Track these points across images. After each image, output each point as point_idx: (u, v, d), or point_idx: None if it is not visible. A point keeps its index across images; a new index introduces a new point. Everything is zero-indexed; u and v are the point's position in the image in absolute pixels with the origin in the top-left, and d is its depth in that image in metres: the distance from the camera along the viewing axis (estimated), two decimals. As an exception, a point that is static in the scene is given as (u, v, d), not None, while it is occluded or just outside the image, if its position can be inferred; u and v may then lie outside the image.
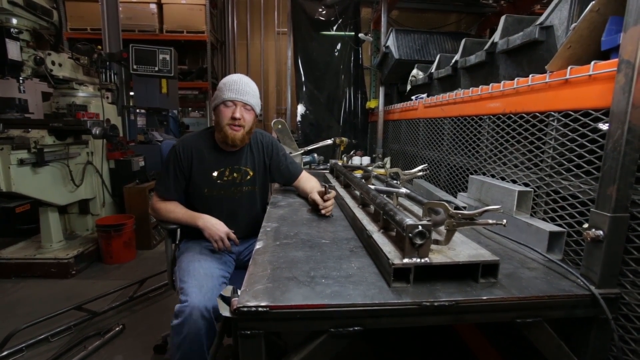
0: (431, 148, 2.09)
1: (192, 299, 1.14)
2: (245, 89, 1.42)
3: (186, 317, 1.11)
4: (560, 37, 1.21)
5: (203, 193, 1.49)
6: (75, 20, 4.99)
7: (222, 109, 1.41)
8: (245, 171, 1.54)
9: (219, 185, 1.50)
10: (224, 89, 1.42)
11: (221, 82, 1.45)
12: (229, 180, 1.51)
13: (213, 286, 1.22)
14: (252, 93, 1.45)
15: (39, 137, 2.40)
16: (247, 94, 1.43)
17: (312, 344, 0.77)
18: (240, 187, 1.53)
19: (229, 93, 1.40)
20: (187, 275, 1.26)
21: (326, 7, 3.86)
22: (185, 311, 1.12)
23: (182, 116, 5.87)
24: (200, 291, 1.17)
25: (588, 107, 0.97)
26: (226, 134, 1.41)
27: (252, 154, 1.57)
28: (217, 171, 1.49)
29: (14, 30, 2.33)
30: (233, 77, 1.45)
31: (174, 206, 1.48)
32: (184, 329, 1.12)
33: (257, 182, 1.57)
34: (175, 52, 3.22)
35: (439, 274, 0.84)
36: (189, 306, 1.12)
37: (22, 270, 2.56)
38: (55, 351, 1.75)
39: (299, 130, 4.00)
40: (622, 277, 0.89)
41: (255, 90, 1.47)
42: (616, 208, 0.82)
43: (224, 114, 1.41)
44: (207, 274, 1.27)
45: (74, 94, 2.94)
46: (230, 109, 1.40)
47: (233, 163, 1.52)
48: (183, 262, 1.36)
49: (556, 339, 0.83)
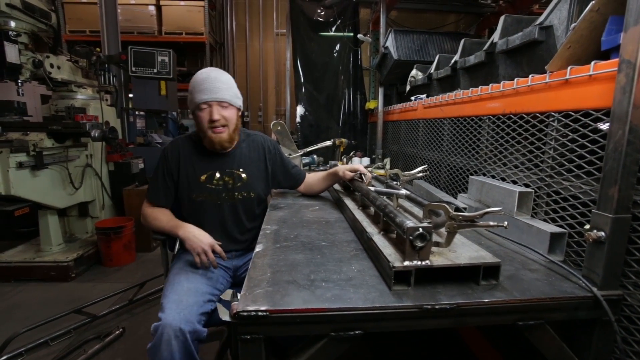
0: (431, 149, 2.08)
1: (166, 316, 1.01)
2: (217, 85, 1.26)
3: (158, 337, 0.99)
4: (560, 37, 1.20)
5: (191, 198, 1.35)
6: (73, 22, 5.00)
7: (198, 114, 1.28)
8: (237, 175, 1.39)
9: (208, 190, 1.36)
10: (194, 92, 1.27)
11: (191, 85, 1.29)
12: (219, 185, 1.37)
13: (194, 303, 1.08)
14: (225, 87, 1.29)
15: (37, 140, 2.40)
16: (220, 90, 1.27)
17: (312, 348, 0.76)
18: (232, 192, 1.38)
19: (199, 95, 1.26)
20: (169, 289, 1.14)
21: (325, 8, 3.86)
22: (158, 330, 1.00)
23: (181, 118, 5.87)
24: (177, 307, 1.04)
25: (588, 107, 0.97)
26: (211, 139, 1.30)
27: (248, 157, 1.43)
28: (205, 174, 1.36)
29: (12, 33, 2.33)
30: (200, 74, 1.29)
31: (161, 213, 1.35)
32: (156, 351, 0.99)
33: (254, 189, 1.42)
34: (174, 54, 3.21)
35: (439, 276, 0.84)
36: (161, 324, 1.00)
37: (21, 273, 2.55)
38: (54, 355, 1.74)
39: (298, 131, 3.99)
40: (625, 278, 0.88)
41: (229, 83, 1.31)
42: (618, 209, 0.81)
43: (202, 119, 1.28)
44: (190, 290, 1.14)
45: (72, 97, 2.94)
46: (207, 112, 1.27)
47: (224, 166, 1.38)
48: (170, 274, 1.26)
49: (558, 341, 0.82)
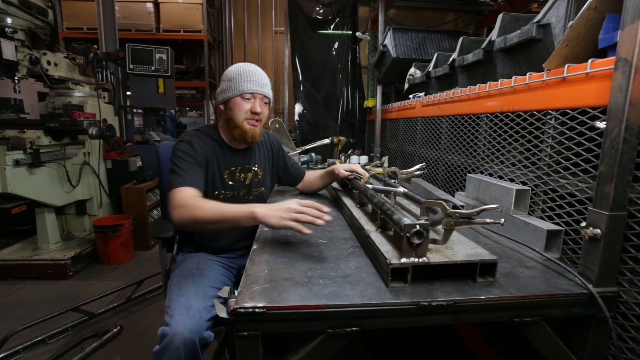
0: (429, 147, 2.08)
1: (176, 323, 0.97)
2: (265, 81, 1.28)
3: (166, 343, 0.95)
4: (558, 35, 1.20)
5: (214, 195, 1.31)
6: (71, 19, 4.96)
7: (239, 102, 1.24)
8: (255, 172, 1.40)
9: (230, 187, 1.34)
10: (239, 79, 1.24)
11: (232, 72, 1.26)
12: (239, 181, 1.36)
13: (203, 309, 1.03)
14: (269, 85, 1.31)
15: (34, 138, 2.39)
16: (267, 85, 1.28)
17: (309, 345, 0.76)
18: (250, 189, 1.39)
19: (248, 84, 1.23)
20: (176, 292, 1.09)
21: (323, 6, 3.85)
22: (167, 336, 0.96)
23: (179, 116, 5.86)
24: (187, 313, 1.00)
25: (585, 105, 0.97)
26: (244, 130, 1.26)
27: (261, 153, 1.44)
28: (228, 170, 1.33)
29: (9, 29, 2.31)
30: (247, 66, 1.27)
31: (205, 201, 1.11)
32: (163, 356, 0.96)
33: (266, 184, 1.45)
34: (172, 52, 3.21)
35: (436, 273, 0.84)
36: (170, 331, 0.96)
37: (18, 271, 2.55)
38: (52, 353, 1.74)
39: (296, 129, 3.99)
40: (620, 275, 0.89)
41: (270, 83, 1.34)
42: (614, 206, 0.82)
43: (242, 108, 1.24)
44: (198, 294, 1.08)
45: (70, 94, 2.92)
46: (250, 102, 1.25)
47: (244, 162, 1.37)
48: (175, 276, 1.21)
49: (554, 337, 0.83)
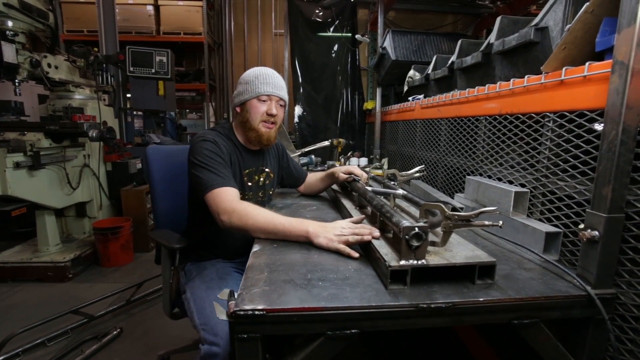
0: (428, 149, 2.09)
1: (225, 343, 0.91)
2: (281, 84, 1.30)
3: None
4: (555, 38, 1.21)
5: None
6: (71, 22, 4.97)
7: (255, 104, 1.26)
8: (267, 173, 1.42)
9: (248, 188, 1.34)
10: (256, 82, 1.26)
11: (249, 75, 1.29)
12: (256, 182, 1.37)
13: None
14: (285, 89, 1.33)
15: (35, 140, 2.39)
16: (283, 89, 1.31)
17: (308, 347, 0.76)
18: (264, 190, 1.41)
19: (265, 87, 1.26)
20: (208, 307, 1.02)
21: (323, 9, 3.87)
22: (218, 356, 0.90)
23: (179, 118, 5.86)
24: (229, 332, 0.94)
25: (583, 107, 0.97)
26: (260, 133, 1.28)
27: (270, 155, 1.46)
28: (247, 171, 1.34)
29: (10, 32, 2.32)
30: (264, 70, 1.30)
31: (257, 208, 1.10)
32: None
33: (274, 186, 1.47)
34: (172, 54, 3.22)
35: (435, 275, 0.84)
36: (222, 352, 0.90)
37: (18, 274, 2.55)
38: (52, 355, 1.74)
39: (296, 131, 4.00)
40: (618, 277, 0.89)
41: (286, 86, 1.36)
42: (611, 208, 0.82)
43: (258, 110, 1.26)
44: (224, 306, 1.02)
45: (70, 97, 2.93)
46: (266, 105, 1.27)
47: (259, 164, 1.39)
48: (197, 289, 1.13)
49: (553, 339, 0.83)
